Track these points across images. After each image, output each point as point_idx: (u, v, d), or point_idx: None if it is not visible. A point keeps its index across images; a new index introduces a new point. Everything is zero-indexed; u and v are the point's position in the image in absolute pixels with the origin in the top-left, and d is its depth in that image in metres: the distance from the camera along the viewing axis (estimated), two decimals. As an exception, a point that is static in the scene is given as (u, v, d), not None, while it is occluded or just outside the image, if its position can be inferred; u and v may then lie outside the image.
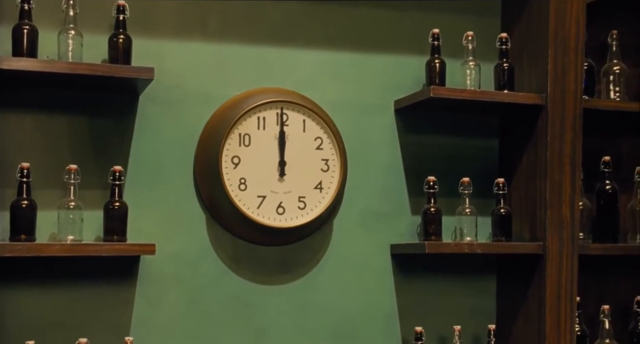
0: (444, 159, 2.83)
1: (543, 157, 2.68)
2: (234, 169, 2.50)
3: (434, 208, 2.66)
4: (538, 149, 2.71)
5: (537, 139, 2.71)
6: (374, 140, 2.76)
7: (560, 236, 2.66)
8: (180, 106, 2.55)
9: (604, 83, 2.92)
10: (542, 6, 2.69)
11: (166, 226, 2.51)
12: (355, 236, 2.72)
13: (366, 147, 2.74)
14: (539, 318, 2.67)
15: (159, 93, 2.50)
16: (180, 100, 2.55)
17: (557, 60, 2.67)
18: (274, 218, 2.53)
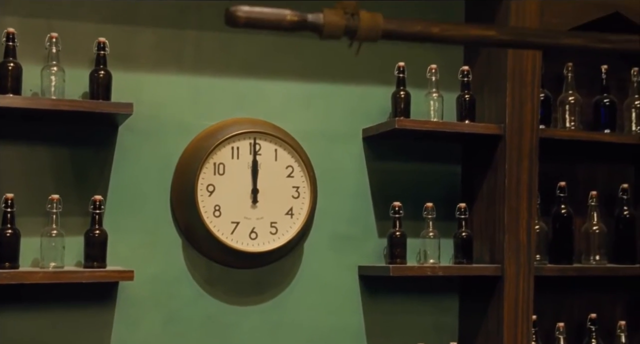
0: (409, 185, 2.94)
1: (502, 184, 2.80)
2: (209, 197, 2.60)
3: (399, 232, 2.78)
4: (497, 176, 2.83)
5: (497, 166, 2.84)
6: (342, 167, 2.87)
7: (518, 258, 2.79)
8: (157, 136, 2.64)
9: (560, 112, 3.05)
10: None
11: (144, 251, 2.60)
12: (325, 258, 2.83)
13: (335, 174, 2.85)
14: (497, 335, 2.79)
15: (138, 124, 2.59)
16: (158, 130, 2.65)
17: (514, 93, 2.80)
18: (247, 243, 2.64)
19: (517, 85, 2.80)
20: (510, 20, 2.76)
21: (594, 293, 3.12)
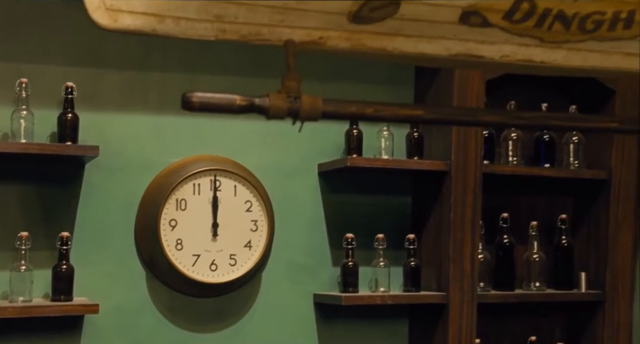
0: (362, 216, 3.08)
1: (447, 217, 2.95)
2: (171, 231, 2.71)
3: (351, 262, 2.91)
4: (443, 209, 2.98)
5: (443, 200, 2.99)
6: (299, 200, 3.00)
7: (462, 287, 2.94)
8: (123, 173, 2.75)
9: (504, 147, 3.21)
10: (447, 82, 2.97)
11: (109, 282, 2.70)
12: (282, 287, 2.95)
13: (292, 206, 2.98)
14: (444, 357, 2.94)
15: (104, 161, 2.70)
16: (123, 167, 2.75)
17: (459, 131, 2.95)
18: (208, 274, 2.75)
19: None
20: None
21: (534, 317, 3.28)
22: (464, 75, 2.92)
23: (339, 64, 3.02)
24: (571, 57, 1.53)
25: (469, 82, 2.96)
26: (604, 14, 1.46)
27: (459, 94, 2.95)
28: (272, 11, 1.35)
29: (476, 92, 2.98)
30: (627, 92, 3.17)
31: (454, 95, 2.95)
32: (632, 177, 3.24)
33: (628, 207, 3.22)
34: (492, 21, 1.43)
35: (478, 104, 2.98)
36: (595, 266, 3.26)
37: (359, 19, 1.38)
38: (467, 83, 2.96)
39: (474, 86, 2.96)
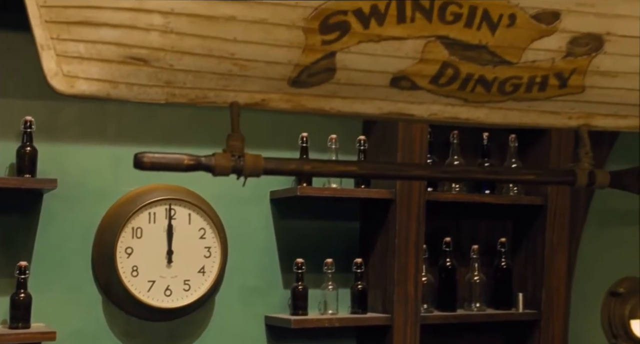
0: (312, 240, 3.19)
1: (392, 243, 3.08)
2: (127, 259, 2.79)
3: (301, 286, 3.02)
4: (389, 235, 3.11)
5: (389, 226, 3.11)
6: (252, 226, 3.10)
7: (406, 309, 3.07)
8: (80, 203, 2.82)
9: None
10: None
11: (67, 309, 2.78)
12: (234, 310, 3.05)
13: (245, 232, 3.08)
14: (389, 377, 3.07)
15: (62, 191, 2.76)
16: (81, 197, 2.83)
17: (404, 160, 3.08)
18: (162, 300, 2.84)
19: (406, 153, 3.08)
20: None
21: (475, 336, 3.42)
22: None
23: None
24: (493, 115, 1.67)
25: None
26: (521, 78, 1.60)
27: (404, 126, 3.08)
28: (217, 77, 1.45)
29: (420, 124, 3.11)
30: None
31: (399, 129, 3.08)
32: (566, 204, 3.41)
33: (562, 232, 3.38)
34: (420, 85, 1.56)
35: (422, 135, 3.11)
36: (532, 286, 3.42)
37: (298, 84, 1.50)
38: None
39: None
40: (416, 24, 1.47)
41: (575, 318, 3.68)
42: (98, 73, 1.41)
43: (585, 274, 3.72)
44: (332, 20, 1.43)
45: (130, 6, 1.38)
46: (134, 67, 1.41)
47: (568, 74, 1.62)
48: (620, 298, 3.90)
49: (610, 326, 3.90)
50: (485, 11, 1.49)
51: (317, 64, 1.47)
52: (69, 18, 1.39)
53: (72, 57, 1.40)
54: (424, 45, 1.50)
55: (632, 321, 3.87)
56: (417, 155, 3.11)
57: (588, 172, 1.71)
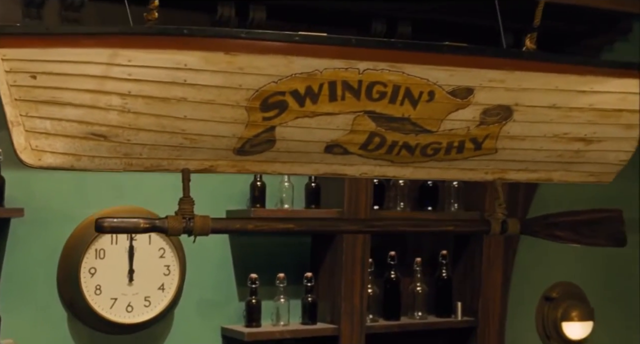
0: (266, 255, 3.37)
1: (340, 259, 3.27)
2: (90, 278, 2.95)
3: (254, 300, 3.21)
4: (337, 251, 3.30)
5: (337, 242, 3.30)
6: (209, 243, 3.22)
7: (352, 320, 3.27)
8: (46, 225, 2.96)
9: (393, 193, 3.54)
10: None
11: (34, 326, 2.93)
12: (192, 322, 3.22)
13: (202, 249, 3.23)
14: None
15: (29, 215, 2.88)
16: (46, 220, 2.97)
17: (351, 182, 3.27)
18: (124, 316, 3.00)
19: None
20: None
21: (418, 342, 3.64)
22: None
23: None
24: (417, 172, 1.86)
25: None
26: (440, 143, 1.79)
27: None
28: (170, 149, 1.62)
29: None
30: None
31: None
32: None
33: (498, 246, 3.61)
34: (351, 150, 1.75)
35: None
36: (470, 296, 3.64)
37: (242, 152, 1.68)
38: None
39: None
40: (346, 102, 1.65)
41: (512, 321, 3.92)
42: (63, 147, 1.56)
43: (522, 281, 3.95)
44: (272, 100, 1.60)
45: (92, 88, 1.54)
46: (95, 142, 1.57)
47: (482, 139, 1.82)
48: (554, 302, 4.16)
49: (544, 328, 4.16)
50: (407, 89, 1.68)
51: (258, 136, 1.64)
52: (36, 97, 1.54)
53: (40, 133, 1.55)
54: (353, 119, 1.68)
55: (564, 323, 4.14)
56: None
57: (501, 222, 1.92)
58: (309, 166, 1.76)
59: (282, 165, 1.74)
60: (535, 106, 1.81)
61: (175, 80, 1.55)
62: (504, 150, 1.86)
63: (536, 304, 4.15)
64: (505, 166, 1.91)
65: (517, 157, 1.89)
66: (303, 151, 1.71)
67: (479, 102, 1.75)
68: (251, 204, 3.21)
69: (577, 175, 2.01)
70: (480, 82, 1.73)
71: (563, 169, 1.97)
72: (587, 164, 1.98)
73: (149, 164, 1.64)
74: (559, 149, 1.90)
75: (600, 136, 1.92)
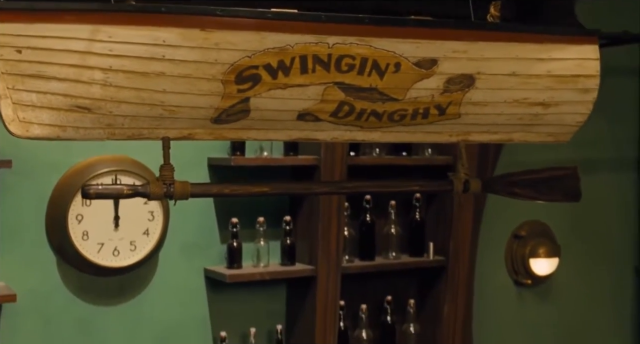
0: (246, 201, 3.49)
1: (317, 203, 3.40)
2: (78, 225, 3.06)
3: (235, 243, 3.35)
4: (315, 197, 3.42)
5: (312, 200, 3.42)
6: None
7: (328, 261, 3.43)
8: (33, 175, 3.06)
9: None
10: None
11: (25, 269, 3.06)
12: (176, 264, 3.37)
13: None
14: (313, 317, 3.44)
15: (17, 165, 2.98)
16: (34, 168, 3.06)
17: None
18: (111, 259, 3.13)
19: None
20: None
21: (391, 280, 3.82)
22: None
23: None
24: (385, 136, 1.97)
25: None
26: (406, 110, 1.89)
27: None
28: (150, 119, 1.72)
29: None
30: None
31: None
32: (473, 162, 3.75)
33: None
34: (322, 118, 1.85)
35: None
36: (442, 237, 3.81)
37: (219, 121, 1.77)
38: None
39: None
40: (317, 74, 1.74)
41: (482, 259, 4.11)
42: (49, 119, 1.65)
43: (492, 221, 4.12)
44: (246, 74, 1.69)
45: (75, 62, 1.62)
46: (79, 114, 1.66)
47: (446, 105, 1.92)
48: (522, 240, 4.35)
49: (512, 265, 4.36)
50: (374, 61, 1.77)
51: (234, 107, 1.73)
52: (22, 71, 1.62)
53: (26, 106, 1.64)
54: (323, 90, 1.77)
55: (532, 259, 4.33)
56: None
57: (463, 181, 2.04)
58: (282, 132, 1.86)
59: (257, 132, 1.84)
60: (496, 74, 1.90)
61: (154, 55, 1.62)
62: (467, 115, 1.96)
63: (506, 243, 4.33)
64: (468, 128, 2.02)
65: (479, 121, 2.00)
66: (276, 119, 1.81)
67: (442, 71, 1.84)
68: (232, 152, 3.32)
69: (536, 136, 2.12)
70: (444, 53, 1.82)
71: (523, 130, 2.08)
72: (546, 125, 2.09)
73: (131, 133, 1.73)
74: (519, 113, 2.01)
75: (557, 100, 2.02)
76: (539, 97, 1.99)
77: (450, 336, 3.81)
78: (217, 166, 3.38)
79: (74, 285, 3.17)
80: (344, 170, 3.43)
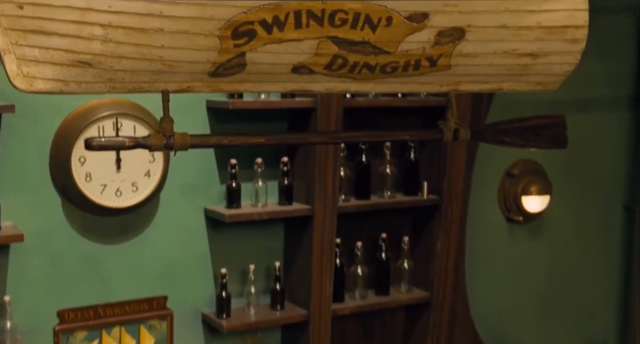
0: (244, 141, 3.56)
1: (314, 145, 3.47)
2: (81, 167, 3.14)
3: (234, 184, 3.44)
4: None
5: (311, 129, 3.49)
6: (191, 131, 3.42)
7: (325, 200, 3.52)
8: (36, 116, 3.12)
9: (364, 80, 3.69)
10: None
11: (30, 210, 3.15)
12: (177, 204, 3.46)
13: (184, 137, 3.42)
14: (311, 254, 3.56)
15: (19, 108, 3.04)
16: (36, 111, 3.12)
17: (325, 72, 3.41)
18: (113, 200, 3.22)
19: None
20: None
21: (386, 219, 3.93)
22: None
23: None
24: (378, 87, 2.02)
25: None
26: (398, 62, 1.94)
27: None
28: (150, 73, 1.77)
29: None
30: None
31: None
32: (468, 103, 3.80)
33: (465, 115, 3.77)
34: (316, 71, 1.90)
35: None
36: (436, 176, 3.89)
37: (216, 75, 1.83)
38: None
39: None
40: (310, 29, 1.78)
41: (475, 198, 4.21)
42: (52, 74, 1.70)
43: (486, 160, 4.20)
44: (242, 29, 1.73)
45: (75, 19, 1.66)
46: (81, 69, 1.71)
47: (437, 57, 1.96)
48: (515, 178, 4.44)
49: (505, 202, 4.47)
50: (367, 16, 1.81)
51: (230, 61, 1.78)
52: (24, 26, 1.66)
53: (30, 61, 1.69)
54: (317, 44, 1.81)
55: (524, 197, 4.44)
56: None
57: (453, 130, 2.10)
58: (277, 84, 1.91)
59: (253, 84, 1.89)
60: (486, 26, 1.94)
61: (152, 12, 1.66)
62: (458, 66, 2.01)
63: (499, 181, 4.43)
64: (458, 79, 2.07)
65: (469, 71, 2.04)
66: (272, 72, 1.85)
67: (433, 25, 1.88)
68: (230, 95, 3.36)
69: (525, 85, 2.17)
70: (435, 7, 1.85)
71: (512, 80, 2.13)
72: (534, 75, 2.14)
73: (131, 87, 1.78)
74: (508, 64, 2.05)
75: (547, 51, 2.06)
76: (528, 48, 2.03)
77: (442, 272, 3.94)
78: (215, 108, 3.43)
79: (78, 224, 3.27)
80: (340, 112, 3.49)
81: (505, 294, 4.48)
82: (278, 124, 3.63)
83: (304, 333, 3.59)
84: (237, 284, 3.58)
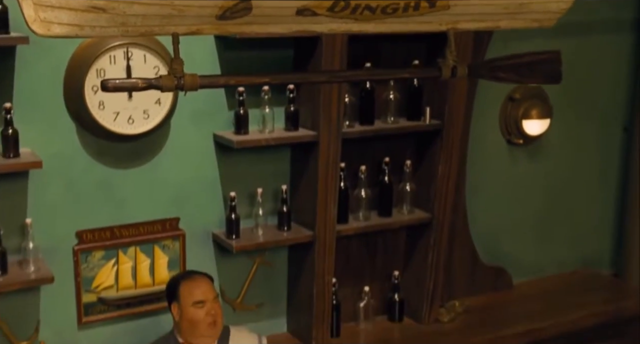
0: (252, 69, 3.64)
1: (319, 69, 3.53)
2: (94, 95, 3.24)
3: (242, 111, 3.54)
4: (316, 63, 3.55)
5: (316, 56, 3.55)
6: (199, 59, 3.50)
7: (330, 126, 3.63)
8: (49, 47, 3.19)
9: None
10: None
11: (47, 136, 3.27)
12: (187, 130, 3.57)
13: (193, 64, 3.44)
14: (316, 177, 3.69)
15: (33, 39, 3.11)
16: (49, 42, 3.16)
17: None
18: (126, 127, 3.34)
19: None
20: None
21: (389, 144, 4.04)
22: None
23: None
24: (379, 27, 2.11)
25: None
26: (398, 4, 2.02)
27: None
28: (161, 17, 1.86)
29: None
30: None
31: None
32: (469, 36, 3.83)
33: (466, 52, 3.84)
34: (319, 13, 1.98)
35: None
36: (438, 102, 3.98)
37: (224, 18, 1.91)
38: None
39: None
40: (313, -27, 1.85)
41: (477, 121, 4.31)
42: (67, 19, 1.79)
43: (489, 84, 4.26)
44: (248, -25, 1.80)
45: (88, -34, 1.73)
46: (95, 14, 1.79)
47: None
48: (516, 102, 4.53)
49: (506, 125, 4.57)
50: (368, -39, 1.87)
51: (237, 5, 1.86)
52: (40, -27, 1.74)
53: (46, 6, 1.77)
54: (320, -12, 1.88)
55: (524, 120, 4.54)
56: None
57: (451, 67, 2.19)
58: (282, 26, 1.99)
59: (259, 26, 1.97)
60: (485, -32, 2.00)
61: (161, -41, 1.73)
62: (456, 6, 2.08)
63: (500, 105, 4.51)
64: (457, 18, 2.14)
65: (467, 11, 2.11)
66: (276, 14, 1.93)
67: (433, -33, 1.94)
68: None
69: (522, 22, 2.24)
70: (435, -50, 1.91)
71: (509, 18, 2.20)
72: (531, 12, 2.21)
73: (143, 30, 1.87)
74: (505, 3, 2.12)
75: (543, -10, 2.13)
76: (526, -12, 2.09)
77: (443, 193, 4.08)
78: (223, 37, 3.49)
79: (93, 150, 3.40)
80: (345, 39, 3.53)
81: (504, 214, 4.64)
82: (285, 50, 3.70)
83: (310, 252, 3.77)
84: (246, 206, 3.73)
